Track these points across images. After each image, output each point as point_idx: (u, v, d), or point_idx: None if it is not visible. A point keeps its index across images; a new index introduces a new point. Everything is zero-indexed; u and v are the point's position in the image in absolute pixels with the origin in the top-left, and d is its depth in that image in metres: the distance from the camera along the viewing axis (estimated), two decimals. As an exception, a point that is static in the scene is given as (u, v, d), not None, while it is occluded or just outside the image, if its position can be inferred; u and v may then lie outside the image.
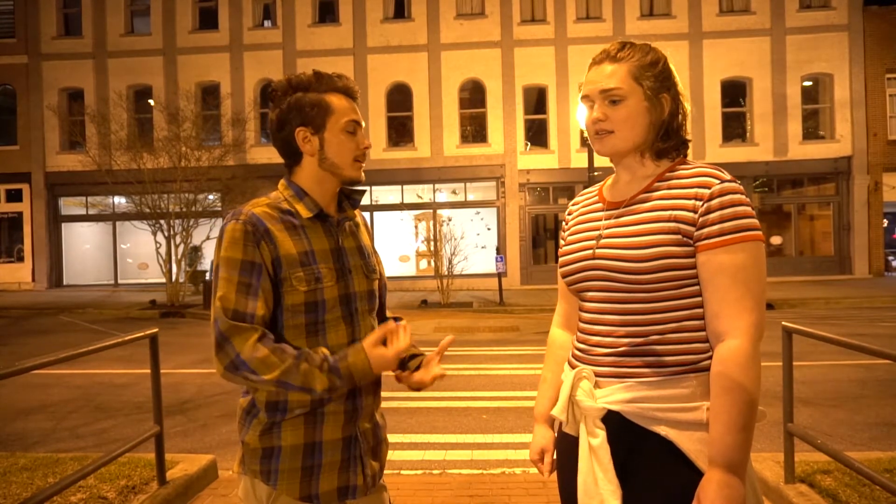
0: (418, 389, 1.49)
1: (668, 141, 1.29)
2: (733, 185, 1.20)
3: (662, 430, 1.17)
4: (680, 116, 1.30)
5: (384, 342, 1.41)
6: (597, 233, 1.31)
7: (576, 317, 1.42)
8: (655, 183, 1.28)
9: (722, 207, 1.17)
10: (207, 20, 19.13)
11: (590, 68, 1.32)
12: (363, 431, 1.47)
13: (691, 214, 1.19)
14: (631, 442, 1.19)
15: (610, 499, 1.16)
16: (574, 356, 1.34)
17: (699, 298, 1.21)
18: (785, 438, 3.06)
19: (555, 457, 1.43)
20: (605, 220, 1.31)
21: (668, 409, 1.17)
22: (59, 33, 19.36)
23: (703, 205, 1.18)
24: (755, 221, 1.18)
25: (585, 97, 1.32)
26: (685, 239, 1.19)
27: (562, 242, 1.46)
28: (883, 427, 4.66)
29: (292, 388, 1.32)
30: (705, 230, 1.18)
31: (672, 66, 1.31)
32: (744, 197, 1.19)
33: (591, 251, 1.30)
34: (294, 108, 1.43)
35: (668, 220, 1.21)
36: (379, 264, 1.62)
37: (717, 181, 1.20)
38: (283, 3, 18.70)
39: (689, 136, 1.33)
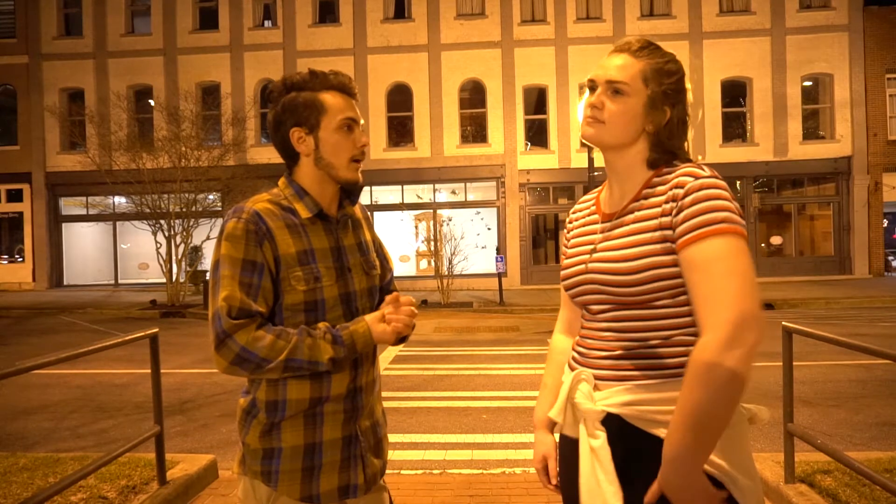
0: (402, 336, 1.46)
1: (660, 155, 1.25)
2: (710, 180, 1.14)
3: (662, 433, 1.15)
4: (685, 136, 1.27)
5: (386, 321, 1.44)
6: (591, 246, 1.30)
7: (577, 323, 1.42)
8: (644, 190, 1.25)
9: (693, 204, 1.13)
10: (207, 20, 19.13)
11: (608, 55, 1.29)
12: (363, 430, 1.47)
13: (669, 218, 1.17)
14: (630, 444, 1.18)
15: (612, 500, 1.15)
16: (573, 359, 1.34)
17: None
18: (785, 438, 3.06)
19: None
20: (601, 232, 1.30)
21: (667, 412, 1.15)
22: (59, 33, 19.36)
23: (677, 205, 1.15)
24: (731, 215, 1.11)
25: (591, 81, 1.29)
26: (671, 245, 1.16)
27: (564, 250, 1.45)
28: (883, 427, 4.66)
29: (300, 364, 1.32)
30: (678, 229, 1.15)
31: (686, 84, 1.27)
32: (721, 191, 1.13)
33: (584, 266, 1.30)
34: (288, 109, 1.42)
35: (655, 230, 1.18)
36: (382, 253, 1.63)
37: (692, 179, 1.15)
38: (284, 3, 18.71)
39: (689, 156, 1.29)
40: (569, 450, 1.31)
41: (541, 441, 1.43)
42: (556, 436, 1.42)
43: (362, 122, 1.49)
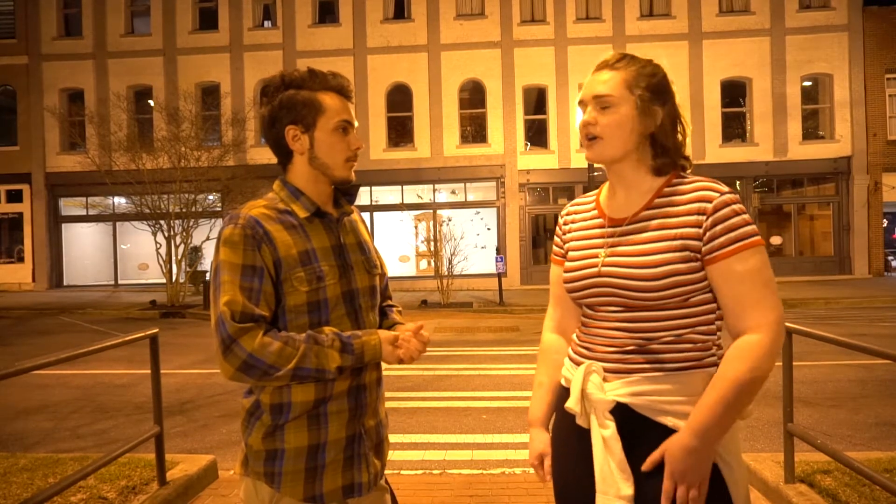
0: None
1: (662, 157, 1.31)
2: (732, 196, 1.24)
3: (670, 421, 1.22)
4: (679, 135, 1.33)
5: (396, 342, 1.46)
6: (600, 250, 1.34)
7: (569, 322, 1.47)
8: (656, 199, 1.30)
9: (725, 219, 1.22)
10: (207, 20, 19.13)
11: (590, 75, 1.36)
12: (367, 429, 1.47)
13: (696, 230, 1.24)
14: (638, 432, 1.24)
15: (623, 486, 1.21)
16: (577, 353, 1.37)
17: (706, 306, 1.26)
18: (785, 438, 3.07)
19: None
20: (609, 237, 1.33)
21: (675, 402, 1.22)
22: (59, 34, 19.36)
23: (707, 219, 1.23)
24: (755, 227, 1.23)
25: (581, 102, 1.36)
26: (692, 254, 1.24)
27: (557, 249, 1.48)
28: (883, 427, 4.66)
29: (308, 373, 1.32)
30: (714, 243, 1.22)
31: (671, 83, 1.33)
32: (742, 206, 1.25)
33: (595, 269, 1.32)
34: (285, 106, 1.42)
35: (675, 239, 1.25)
36: (379, 258, 1.63)
37: (717, 194, 1.24)
38: (283, 3, 18.71)
39: (688, 153, 1.35)
40: (566, 439, 1.35)
41: (539, 440, 1.46)
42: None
43: (357, 124, 1.50)
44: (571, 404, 1.33)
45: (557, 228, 1.51)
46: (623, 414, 1.25)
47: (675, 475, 1.17)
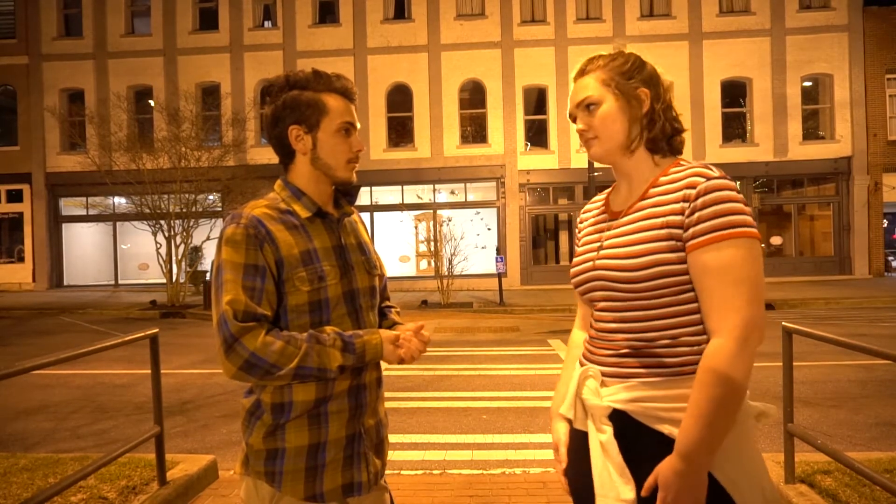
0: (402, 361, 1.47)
1: (651, 131, 1.29)
2: (721, 181, 1.17)
3: (666, 429, 1.18)
4: (663, 105, 1.31)
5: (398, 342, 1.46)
6: (598, 244, 1.34)
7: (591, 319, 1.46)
8: (650, 189, 1.28)
9: (706, 206, 1.15)
10: (207, 20, 19.14)
11: (571, 89, 1.38)
12: (367, 428, 1.47)
13: (679, 218, 1.19)
14: (635, 439, 1.21)
15: (624, 490, 1.18)
16: (583, 355, 1.38)
17: None
18: (785, 438, 3.06)
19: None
20: (607, 230, 1.34)
21: (671, 409, 1.18)
22: (59, 34, 19.37)
23: (689, 206, 1.18)
24: (745, 218, 1.15)
25: (571, 116, 1.37)
26: (678, 244, 1.19)
27: (576, 249, 1.50)
28: (883, 427, 4.65)
29: (310, 372, 1.33)
30: (691, 230, 1.17)
31: (650, 64, 1.33)
32: (732, 193, 1.16)
33: (591, 263, 1.33)
34: (289, 106, 1.43)
35: (661, 228, 1.21)
36: (378, 259, 1.64)
37: (704, 179, 1.18)
38: (284, 3, 18.71)
39: (683, 128, 1.33)
40: (578, 444, 1.34)
41: (555, 429, 1.46)
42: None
43: (359, 126, 1.50)
44: (564, 410, 1.32)
45: (576, 229, 1.53)
46: (621, 420, 1.22)
47: (667, 500, 1.12)
